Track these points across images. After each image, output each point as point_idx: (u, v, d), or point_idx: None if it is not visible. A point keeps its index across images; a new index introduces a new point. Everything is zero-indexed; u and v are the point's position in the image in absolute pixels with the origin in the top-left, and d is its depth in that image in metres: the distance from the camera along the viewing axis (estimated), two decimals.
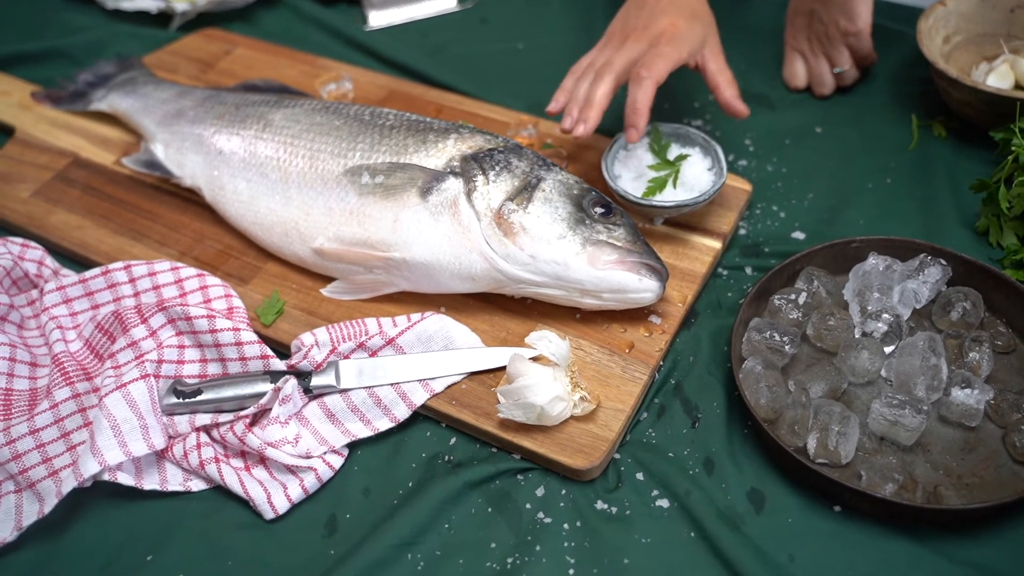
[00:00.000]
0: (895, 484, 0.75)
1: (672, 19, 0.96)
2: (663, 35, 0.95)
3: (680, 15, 0.96)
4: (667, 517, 0.77)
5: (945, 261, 0.89)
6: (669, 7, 0.97)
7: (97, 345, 0.91)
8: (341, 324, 0.89)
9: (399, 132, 0.94)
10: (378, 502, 0.80)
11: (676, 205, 0.93)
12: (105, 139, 1.16)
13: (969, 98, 1.04)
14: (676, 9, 0.97)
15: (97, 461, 0.78)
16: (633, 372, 0.85)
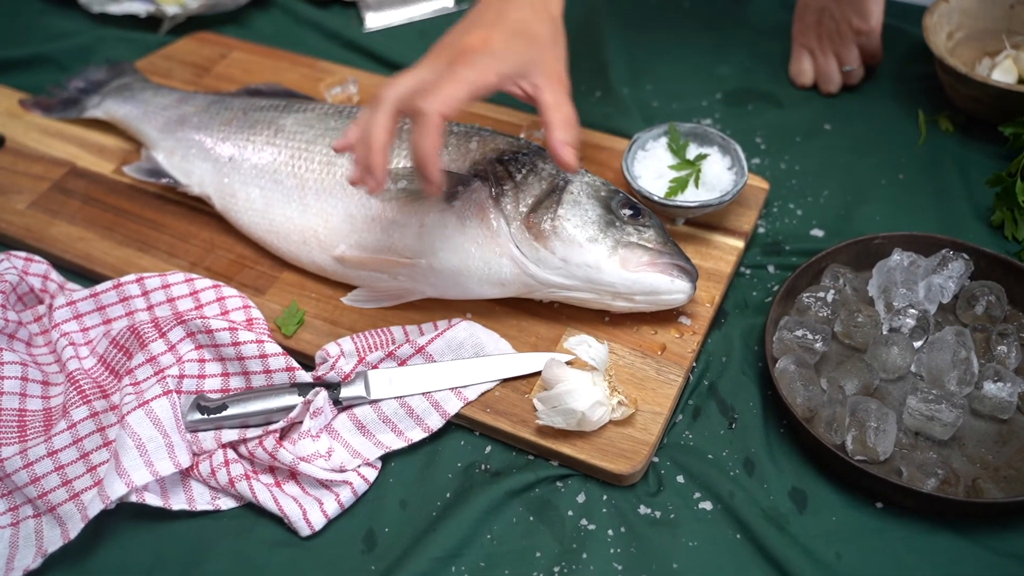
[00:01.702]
0: (937, 479, 0.75)
1: (485, 33, 0.77)
2: (466, 52, 0.76)
3: (499, 29, 0.78)
4: (711, 519, 0.77)
5: (967, 255, 0.90)
6: (491, 19, 0.79)
7: (112, 361, 0.88)
8: (367, 333, 0.88)
9: None
10: (417, 514, 0.78)
11: (700, 205, 0.93)
12: (102, 147, 1.12)
13: (977, 93, 1.06)
14: (497, 22, 0.78)
15: (124, 482, 0.75)
16: (668, 374, 0.84)
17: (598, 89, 1.20)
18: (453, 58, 0.76)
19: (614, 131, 1.12)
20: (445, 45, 0.79)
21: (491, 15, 0.79)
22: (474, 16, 0.81)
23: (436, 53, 0.79)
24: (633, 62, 1.24)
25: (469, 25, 0.80)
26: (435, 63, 0.78)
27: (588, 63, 1.24)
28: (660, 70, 1.23)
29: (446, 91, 0.73)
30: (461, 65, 0.75)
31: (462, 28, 0.80)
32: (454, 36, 0.80)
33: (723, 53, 1.25)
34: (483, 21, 0.79)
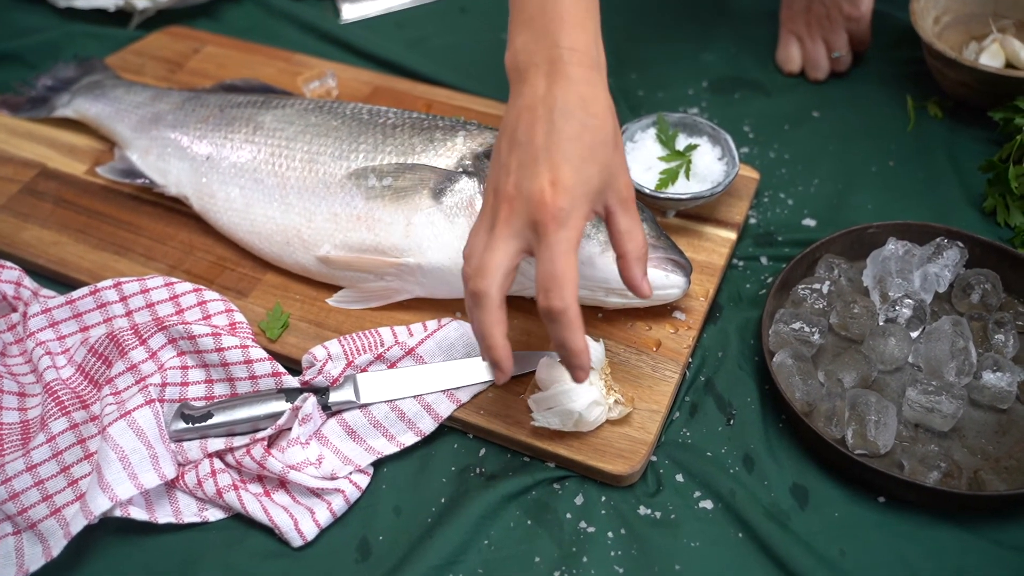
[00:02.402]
0: (939, 472, 0.75)
1: (552, 172, 0.66)
2: (544, 208, 0.65)
3: (565, 159, 0.66)
4: (712, 519, 0.75)
5: (962, 243, 0.89)
6: (551, 142, 0.67)
7: (91, 371, 0.85)
8: (354, 335, 0.85)
9: (403, 131, 0.90)
10: (411, 521, 0.76)
11: (692, 197, 0.91)
12: (72, 147, 1.09)
13: (965, 78, 1.05)
14: (561, 146, 0.67)
15: (107, 497, 0.73)
16: (664, 371, 0.83)
17: None
18: (532, 218, 0.66)
19: None
20: (510, 197, 0.67)
21: (541, 133, 0.68)
22: (524, 131, 0.68)
23: (505, 208, 0.67)
24: (617, 51, 1.22)
25: (526, 157, 0.67)
26: (512, 225, 0.67)
27: None
28: (644, 58, 1.21)
29: (565, 278, 0.65)
30: (551, 230, 0.65)
31: (519, 162, 0.68)
32: (512, 177, 0.68)
33: (707, 40, 1.23)
34: (537, 147, 0.67)
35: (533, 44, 0.71)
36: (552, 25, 0.70)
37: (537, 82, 0.69)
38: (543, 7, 0.71)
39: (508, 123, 0.71)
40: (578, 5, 0.72)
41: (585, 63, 0.70)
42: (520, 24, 0.73)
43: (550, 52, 0.70)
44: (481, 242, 0.69)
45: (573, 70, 0.69)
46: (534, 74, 0.70)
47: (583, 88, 0.69)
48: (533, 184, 0.66)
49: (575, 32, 0.71)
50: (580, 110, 0.68)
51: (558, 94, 0.68)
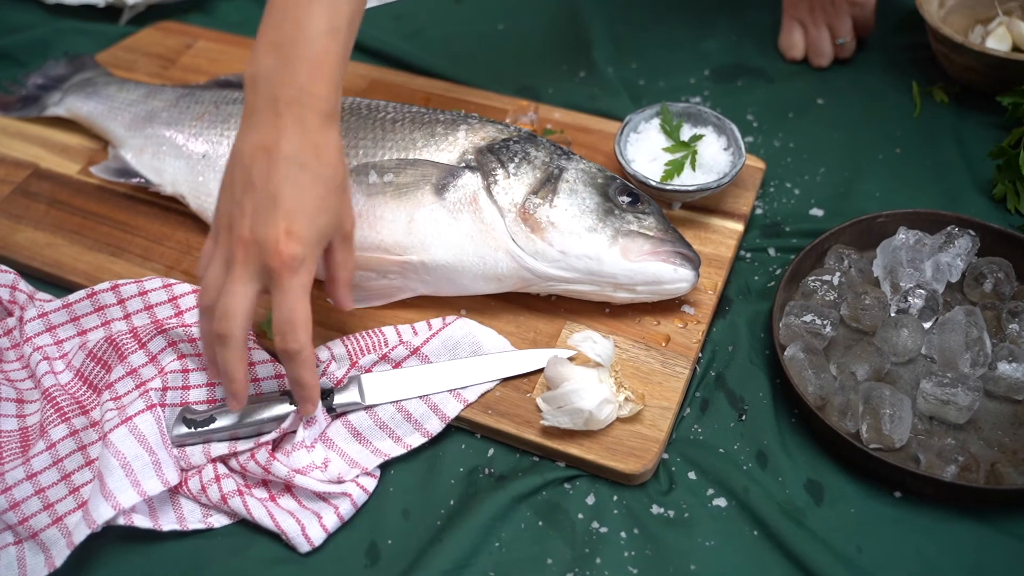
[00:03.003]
0: (957, 466, 0.73)
1: (287, 221, 0.68)
2: (279, 257, 0.68)
3: (299, 209, 0.69)
4: (726, 517, 0.74)
5: (973, 231, 0.88)
6: (286, 191, 0.69)
7: (90, 375, 0.83)
8: (358, 335, 0.84)
9: (403, 126, 0.88)
10: (420, 524, 0.75)
11: (699, 188, 0.90)
12: (65, 147, 1.06)
13: (972, 63, 1.03)
14: (295, 196, 0.69)
15: (110, 505, 0.71)
16: (674, 366, 0.81)
17: (582, 69, 1.17)
18: (267, 264, 0.69)
19: (601, 112, 1.08)
20: (246, 241, 0.69)
21: (277, 175, 0.69)
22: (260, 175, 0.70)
23: (241, 251, 0.69)
24: (617, 39, 1.20)
25: (261, 203, 0.69)
26: (249, 269, 0.69)
27: (570, 42, 1.21)
28: (645, 47, 1.19)
29: (299, 322, 0.70)
30: (285, 277, 0.69)
31: (255, 207, 0.69)
32: (247, 221, 0.69)
33: (708, 27, 1.21)
34: (271, 191, 0.69)
35: (278, 74, 0.71)
36: (300, 64, 0.71)
37: (276, 121, 0.70)
38: (296, 40, 0.71)
39: (243, 157, 0.71)
40: (329, 49, 0.72)
41: (324, 111, 0.72)
42: (271, 44, 0.72)
43: (293, 93, 0.71)
44: (217, 276, 0.72)
45: (311, 118, 0.71)
46: (273, 110, 0.71)
47: (317, 137, 0.71)
48: (268, 232, 0.69)
49: (321, 79, 0.71)
50: (314, 159, 0.71)
51: (295, 141, 0.70)
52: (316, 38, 0.72)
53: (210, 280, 0.72)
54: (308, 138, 0.71)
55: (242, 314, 0.70)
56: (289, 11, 0.72)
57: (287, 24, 0.72)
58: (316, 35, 0.72)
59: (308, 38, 0.71)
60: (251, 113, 0.72)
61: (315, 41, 0.71)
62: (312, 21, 0.72)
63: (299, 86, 0.71)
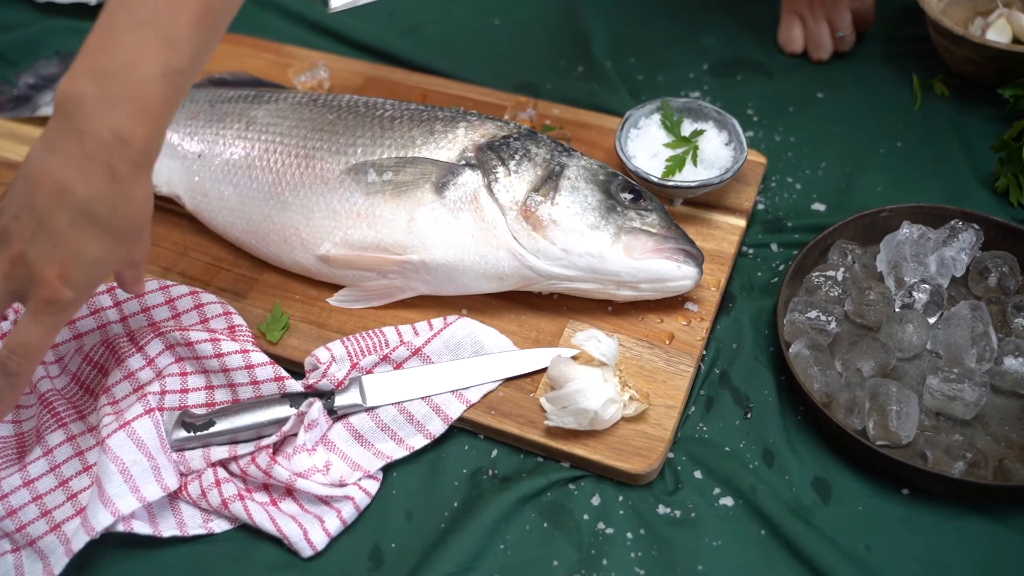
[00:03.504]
0: (965, 462, 0.73)
1: (63, 266, 0.64)
2: (45, 291, 0.64)
3: (78, 258, 0.64)
4: (733, 516, 0.73)
5: (977, 225, 0.87)
6: (69, 236, 0.64)
7: (87, 379, 0.82)
8: (358, 336, 0.83)
9: (402, 124, 0.87)
10: (424, 527, 0.74)
11: (701, 184, 0.89)
12: None
13: (972, 55, 1.03)
14: (77, 245, 0.64)
15: (109, 511, 0.70)
16: (678, 364, 0.81)
17: (580, 64, 1.16)
18: (30, 290, 0.65)
19: (600, 108, 1.07)
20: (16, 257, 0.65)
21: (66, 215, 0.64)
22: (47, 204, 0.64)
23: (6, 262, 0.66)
24: (615, 34, 1.20)
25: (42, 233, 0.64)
26: (11, 282, 0.66)
27: (568, 37, 1.20)
28: (643, 42, 1.18)
29: (36, 351, 0.66)
30: (41, 315, 0.65)
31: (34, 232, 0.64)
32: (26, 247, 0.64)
33: (706, 21, 1.20)
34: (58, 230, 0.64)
35: (95, 107, 0.63)
36: (123, 104, 0.63)
37: (80, 161, 0.63)
38: (124, 76, 0.63)
39: (34, 178, 0.65)
40: (160, 94, 0.65)
41: (137, 160, 0.65)
42: (94, 69, 0.63)
43: (107, 135, 0.63)
44: None
45: (120, 166, 0.64)
46: (80, 147, 0.63)
47: (122, 187, 0.65)
48: (43, 267, 0.64)
49: (143, 124, 0.64)
50: (110, 211, 0.65)
51: (94, 190, 0.64)
52: (148, 80, 0.64)
53: None
54: (109, 188, 0.64)
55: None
56: (123, 37, 0.64)
57: (118, 53, 0.63)
58: (148, 77, 0.64)
59: (138, 79, 0.63)
60: (55, 134, 0.65)
61: (146, 83, 0.64)
62: (147, 59, 0.64)
63: (115, 129, 0.63)
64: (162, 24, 0.64)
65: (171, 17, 0.65)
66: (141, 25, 0.64)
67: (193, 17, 0.66)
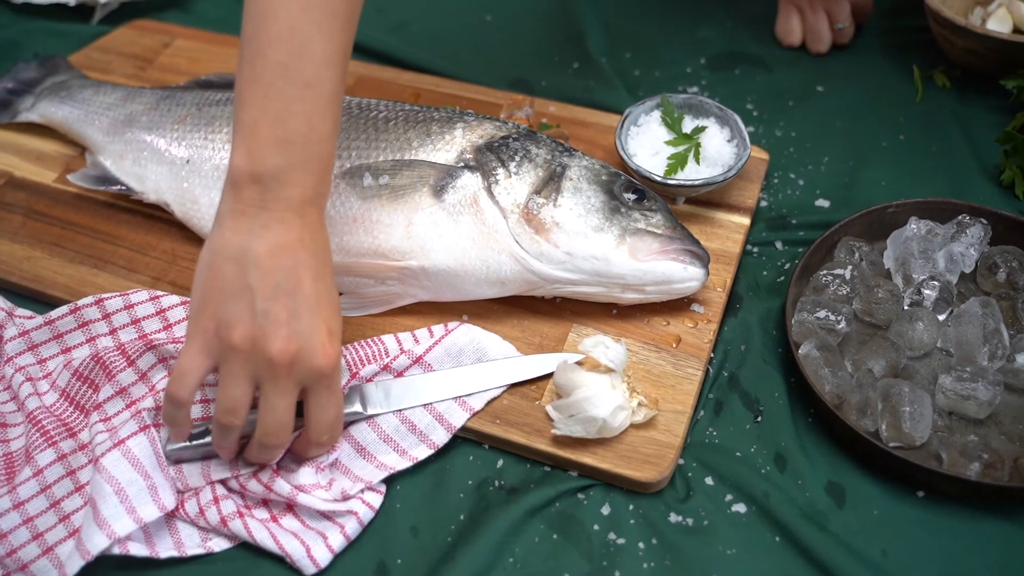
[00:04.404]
0: (981, 463, 0.71)
1: (328, 323, 0.66)
2: (327, 358, 0.66)
3: (332, 310, 0.68)
4: (747, 523, 0.72)
5: (985, 220, 0.86)
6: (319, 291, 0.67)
7: (77, 396, 0.79)
8: (357, 344, 0.80)
9: (397, 125, 0.85)
10: (430, 541, 0.72)
11: (704, 183, 0.87)
12: (40, 154, 1.02)
13: (974, 45, 1.01)
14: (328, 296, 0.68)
15: (105, 534, 0.68)
16: (686, 368, 0.79)
17: (575, 60, 1.14)
18: (313, 371, 0.66)
19: (598, 105, 1.05)
20: (287, 350, 0.64)
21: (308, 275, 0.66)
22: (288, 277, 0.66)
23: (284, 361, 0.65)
24: (609, 28, 1.18)
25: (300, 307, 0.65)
26: (294, 378, 0.65)
27: (562, 31, 1.18)
28: (638, 35, 1.16)
29: (338, 422, 0.70)
30: (333, 384, 0.67)
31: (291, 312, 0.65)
32: (292, 331, 0.65)
33: (703, 14, 1.19)
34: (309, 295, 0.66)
35: (289, 174, 0.67)
36: (313, 165, 0.68)
37: (291, 221, 0.67)
38: (307, 140, 0.68)
39: (260, 260, 0.65)
40: (334, 148, 0.71)
41: (324, 208, 0.71)
42: (278, 140, 0.67)
43: (310, 194, 0.68)
44: (240, 394, 0.66)
45: (319, 215, 0.70)
46: (286, 210, 0.67)
47: (325, 234, 0.70)
48: (314, 336, 0.65)
49: (328, 177, 0.70)
50: (329, 257, 0.70)
51: (314, 239, 0.68)
52: (323, 140, 0.69)
53: (234, 401, 0.66)
54: (324, 235, 0.70)
55: (291, 425, 0.68)
56: (294, 104, 0.67)
57: (296, 121, 0.67)
58: (323, 136, 0.69)
59: (320, 137, 0.68)
60: (259, 212, 0.66)
61: (322, 143, 0.69)
62: (323, 119, 0.68)
63: (315, 187, 0.68)
64: (324, 82, 0.68)
65: (329, 74, 0.68)
66: (308, 88, 0.67)
67: (340, 70, 0.70)
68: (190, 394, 0.67)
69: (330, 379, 0.67)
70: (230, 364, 0.66)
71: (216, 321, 0.65)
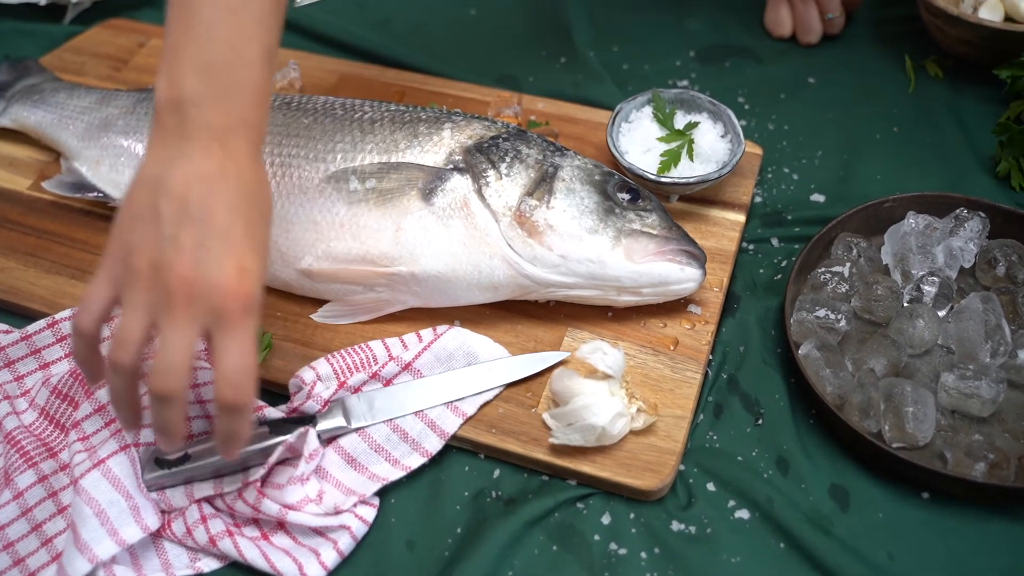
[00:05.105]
0: (986, 463, 0.70)
1: (240, 258, 0.61)
2: (234, 296, 0.60)
3: (251, 245, 0.62)
4: (750, 529, 0.70)
5: (983, 213, 0.84)
6: (235, 224, 0.62)
7: (56, 413, 0.77)
8: (344, 352, 0.78)
9: (383, 126, 0.82)
10: (426, 556, 0.70)
11: (699, 180, 0.85)
12: (13, 160, 0.99)
13: (968, 35, 1.00)
14: (246, 230, 0.62)
15: (87, 558, 0.65)
16: (684, 371, 0.77)
17: (562, 54, 1.11)
18: (216, 306, 0.60)
19: (587, 101, 1.03)
20: (188, 279, 0.60)
21: (224, 206, 0.62)
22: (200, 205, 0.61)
23: (182, 291, 0.60)
24: (596, 21, 1.15)
25: (207, 236, 0.61)
26: (193, 311, 0.60)
27: (548, 25, 1.15)
28: (626, 28, 1.14)
29: (252, 371, 0.61)
30: (239, 326, 0.60)
31: (197, 241, 0.60)
32: (196, 260, 0.60)
33: (690, 5, 1.16)
34: (221, 225, 0.61)
35: (211, 100, 0.63)
36: (239, 92, 0.64)
37: (220, 150, 0.63)
38: (232, 65, 0.64)
39: (173, 186, 0.62)
40: (265, 75, 0.67)
41: (256, 141, 0.66)
42: (199, 65, 0.63)
43: (234, 122, 0.64)
44: (136, 327, 0.61)
45: (247, 147, 0.65)
46: (207, 138, 0.63)
47: (256, 169, 0.65)
48: (221, 270, 0.60)
49: (257, 107, 0.66)
50: (258, 193, 0.65)
51: (245, 172, 0.64)
52: (254, 63, 0.65)
53: (128, 333, 0.61)
54: (249, 169, 0.64)
55: (187, 367, 0.61)
56: (215, 28, 0.64)
57: (218, 45, 0.64)
58: (253, 60, 0.65)
59: (246, 63, 0.64)
60: (174, 139, 0.63)
61: (253, 66, 0.65)
62: (249, 44, 0.65)
63: (240, 116, 0.64)
64: (252, 7, 0.65)
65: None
66: (232, 12, 0.64)
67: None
68: (94, 324, 0.63)
69: (234, 322, 0.60)
70: (130, 292, 0.61)
71: (123, 247, 0.62)
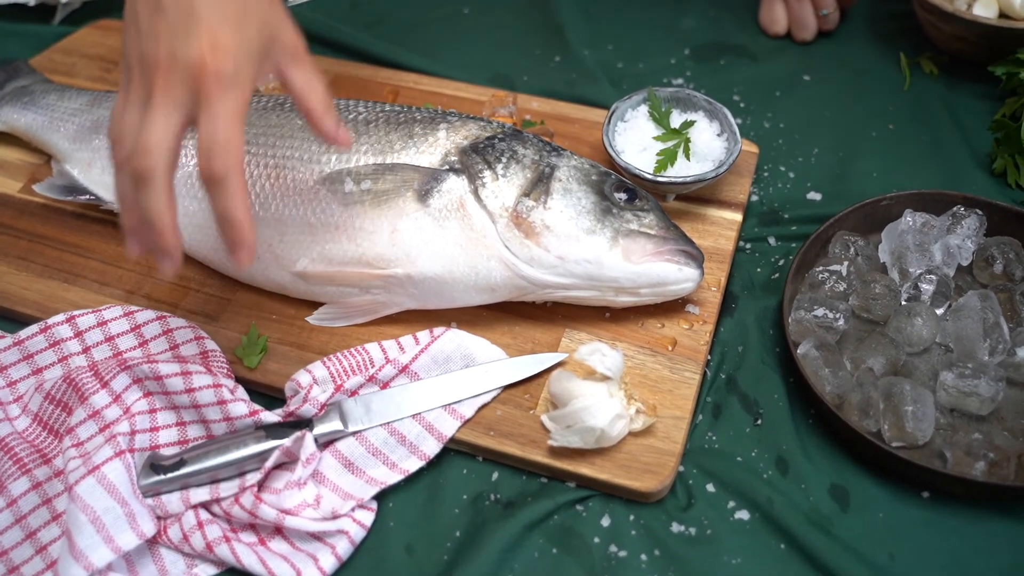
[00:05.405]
0: (986, 462, 0.70)
1: (211, 35, 0.61)
2: (205, 72, 0.61)
3: (222, 21, 0.62)
4: (750, 530, 0.70)
5: (980, 211, 0.84)
6: (202, 3, 0.62)
7: (50, 420, 0.76)
8: (340, 355, 0.77)
9: (378, 127, 0.81)
10: (425, 560, 0.69)
11: (696, 179, 0.85)
12: (3, 163, 0.98)
13: (962, 32, 1.00)
14: (215, 7, 0.62)
15: (82, 566, 0.65)
16: (683, 372, 0.77)
17: (556, 53, 1.11)
18: (194, 84, 0.61)
19: (581, 100, 1.03)
20: (164, 66, 0.61)
21: None
22: None
23: (160, 78, 0.61)
24: (590, 19, 1.15)
25: (176, 21, 0.61)
26: (171, 95, 0.61)
27: (542, 24, 1.15)
28: (620, 27, 1.14)
29: (226, 138, 0.61)
30: (214, 92, 0.61)
31: (168, 27, 0.62)
32: (164, 44, 0.61)
33: (685, 4, 1.16)
34: (188, 7, 0.62)
35: None
36: None
37: None
38: None
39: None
40: None
41: None
42: None
43: None
44: (134, 119, 0.62)
45: None
46: None
47: None
48: (190, 48, 0.61)
49: None
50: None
51: None
52: None
53: (126, 126, 0.62)
54: None
55: (165, 146, 0.61)
56: None
57: None
58: None
59: None
60: None
61: None
62: None
63: None
64: None
65: None
66: None
67: None
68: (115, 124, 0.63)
69: (211, 96, 0.61)
70: (124, 91, 0.63)
71: (124, 56, 0.65)
